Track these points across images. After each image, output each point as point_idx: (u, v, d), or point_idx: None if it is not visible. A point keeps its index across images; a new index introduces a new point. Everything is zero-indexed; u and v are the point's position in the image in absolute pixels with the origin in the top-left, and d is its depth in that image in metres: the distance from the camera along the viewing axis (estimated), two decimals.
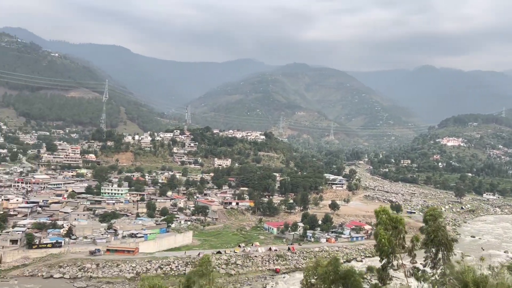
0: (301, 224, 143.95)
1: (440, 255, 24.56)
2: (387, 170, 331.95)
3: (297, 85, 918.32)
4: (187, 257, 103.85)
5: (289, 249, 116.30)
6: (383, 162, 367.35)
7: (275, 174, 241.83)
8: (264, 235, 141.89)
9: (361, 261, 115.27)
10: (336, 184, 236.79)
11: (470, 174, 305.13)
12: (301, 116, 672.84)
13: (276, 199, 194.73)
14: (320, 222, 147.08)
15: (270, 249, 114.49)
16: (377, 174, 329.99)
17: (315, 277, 24.89)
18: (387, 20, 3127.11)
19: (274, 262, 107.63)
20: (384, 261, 24.03)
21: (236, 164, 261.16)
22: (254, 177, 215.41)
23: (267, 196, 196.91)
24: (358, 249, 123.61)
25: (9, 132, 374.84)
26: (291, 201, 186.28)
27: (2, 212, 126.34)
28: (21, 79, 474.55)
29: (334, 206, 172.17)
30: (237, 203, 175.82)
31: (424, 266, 25.94)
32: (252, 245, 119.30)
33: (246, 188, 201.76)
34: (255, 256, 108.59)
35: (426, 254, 26.62)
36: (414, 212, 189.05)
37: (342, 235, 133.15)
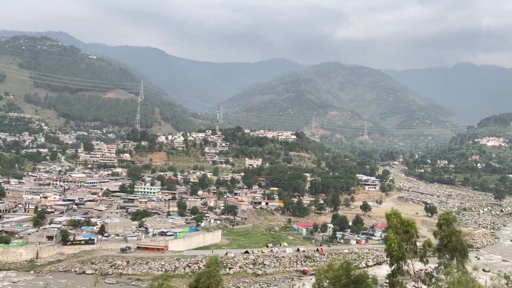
0: (331, 225, 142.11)
1: (454, 262, 23.53)
2: (422, 170, 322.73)
3: (330, 84, 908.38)
4: (215, 256, 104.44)
5: (317, 250, 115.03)
6: (419, 162, 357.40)
7: (305, 174, 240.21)
8: (293, 235, 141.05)
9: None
10: (369, 185, 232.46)
11: (511, 176, 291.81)
12: (334, 115, 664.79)
13: (306, 199, 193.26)
14: (350, 223, 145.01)
15: (298, 250, 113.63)
16: (412, 174, 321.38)
17: (327, 281, 24.37)
18: (424, 17, 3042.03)
19: (302, 263, 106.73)
20: (394, 266, 23.19)
21: (267, 164, 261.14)
22: (284, 177, 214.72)
23: (297, 197, 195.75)
24: None
25: (50, 132, 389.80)
26: (322, 201, 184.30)
27: (40, 209, 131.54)
28: (62, 81, 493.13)
29: (365, 207, 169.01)
30: (266, 203, 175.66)
31: (437, 272, 24.87)
32: (280, 245, 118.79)
33: (276, 188, 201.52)
34: (283, 257, 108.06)
35: (439, 260, 25.56)
36: None
37: (373, 237, 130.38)
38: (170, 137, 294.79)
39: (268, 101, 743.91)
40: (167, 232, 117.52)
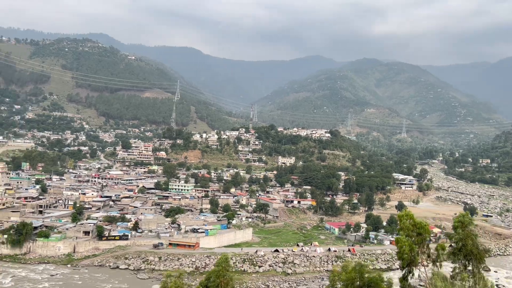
0: (364, 225, 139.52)
1: (470, 267, 22.33)
2: (463, 170, 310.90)
3: (367, 81, 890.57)
4: (245, 254, 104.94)
5: (349, 250, 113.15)
6: (459, 161, 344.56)
7: (340, 173, 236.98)
8: (325, 235, 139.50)
9: (427, 265, 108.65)
10: (405, 184, 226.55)
11: None
12: (370, 113, 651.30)
13: (340, 198, 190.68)
14: (385, 223, 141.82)
15: (329, 249, 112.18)
16: (452, 174, 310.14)
17: (341, 283, 23.74)
18: (467, 10, 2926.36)
19: (332, 263, 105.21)
20: (405, 270, 22.27)
21: (300, 163, 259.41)
22: (318, 175, 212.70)
23: (330, 196, 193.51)
24: None
25: (91, 130, 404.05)
26: (355, 201, 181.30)
27: (78, 205, 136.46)
28: (102, 81, 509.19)
29: (400, 207, 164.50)
30: (298, 202, 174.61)
31: (452, 277, 23.69)
32: (311, 244, 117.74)
33: (309, 187, 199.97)
34: (313, 256, 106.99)
35: (454, 265, 24.40)
36: (491, 216, 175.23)
37: None
38: (204, 135, 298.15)
39: (302, 99, 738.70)
40: (198, 229, 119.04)
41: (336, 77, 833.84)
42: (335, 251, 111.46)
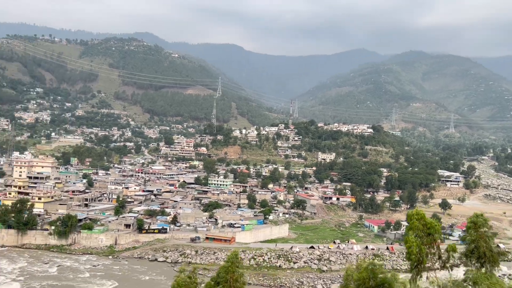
0: (404, 223, 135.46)
1: (483, 270, 21.12)
2: None
3: (413, 75, 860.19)
4: (280, 250, 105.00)
5: (387, 248, 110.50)
6: None
7: (381, 169, 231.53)
8: (364, 232, 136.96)
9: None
10: (451, 181, 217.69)
11: None
12: (416, 107, 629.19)
13: (381, 196, 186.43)
14: None
15: (366, 247, 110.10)
16: (503, 171, 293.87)
17: (353, 282, 23.24)
18: None
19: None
20: (413, 271, 21.45)
21: (341, 159, 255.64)
22: (358, 172, 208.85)
23: (370, 193, 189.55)
24: None
25: (136, 127, 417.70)
26: (397, 198, 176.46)
27: (121, 199, 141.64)
28: (146, 79, 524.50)
29: (444, 205, 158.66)
30: (337, 198, 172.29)
31: (464, 281, 22.54)
32: (348, 242, 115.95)
33: (348, 184, 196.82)
34: (350, 254, 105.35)
35: (466, 268, 23.25)
36: None
37: (450, 237, 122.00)
38: (244, 131, 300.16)
39: (345, 93, 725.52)
40: (235, 224, 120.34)
41: (380, 71, 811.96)
42: (372, 249, 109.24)
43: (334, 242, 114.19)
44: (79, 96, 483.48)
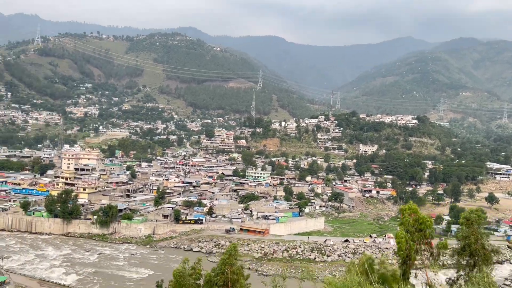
0: (446, 217, 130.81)
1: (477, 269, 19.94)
2: None
3: (463, 63, 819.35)
4: (313, 243, 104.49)
5: (427, 243, 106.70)
6: None
7: (426, 161, 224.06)
8: None
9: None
10: (501, 174, 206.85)
11: None
12: (466, 97, 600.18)
13: (424, 189, 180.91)
14: None
15: None
16: None
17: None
18: None
19: None
20: (401, 268, 20.65)
21: (383, 151, 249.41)
22: (400, 164, 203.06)
23: (413, 186, 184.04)
24: None
25: (179, 120, 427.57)
26: (441, 191, 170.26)
27: (161, 190, 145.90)
28: (189, 73, 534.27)
29: (491, 199, 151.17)
30: (377, 192, 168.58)
31: (456, 279, 21.42)
32: (385, 236, 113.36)
33: (390, 176, 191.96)
34: (386, 248, 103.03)
35: (458, 266, 22.06)
36: None
37: (496, 233, 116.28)
38: (283, 123, 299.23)
39: (390, 83, 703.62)
40: (269, 216, 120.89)
41: (427, 59, 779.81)
42: None
43: (370, 236, 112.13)
44: (126, 90, 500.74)
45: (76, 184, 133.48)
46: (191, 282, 22.63)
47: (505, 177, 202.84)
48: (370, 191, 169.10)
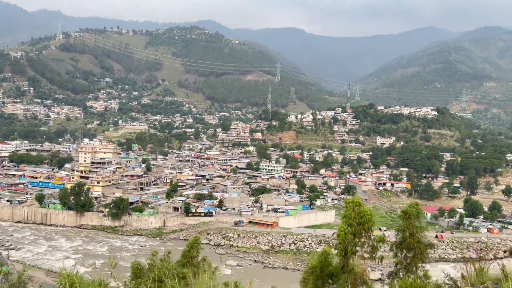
0: (460, 210, 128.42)
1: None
2: None
3: (487, 52, 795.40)
4: (322, 236, 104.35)
5: (436, 236, 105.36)
6: None
7: (444, 154, 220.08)
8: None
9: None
10: None
11: None
12: (490, 87, 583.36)
13: (441, 181, 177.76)
14: (486, 209, 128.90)
15: None
16: None
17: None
18: None
19: None
20: (341, 261, 20.74)
21: (401, 143, 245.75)
22: (417, 157, 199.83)
23: (429, 178, 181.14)
24: None
25: (197, 114, 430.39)
26: (457, 184, 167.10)
27: (173, 183, 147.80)
28: (208, 67, 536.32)
29: (508, 192, 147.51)
30: (392, 184, 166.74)
31: (395, 273, 21.32)
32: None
33: (406, 169, 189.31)
34: (395, 241, 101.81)
35: (395, 260, 21.98)
36: None
37: (510, 226, 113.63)
38: (299, 116, 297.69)
39: (411, 74, 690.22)
40: (279, 208, 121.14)
41: (450, 49, 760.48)
42: None
43: (380, 229, 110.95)
44: (145, 85, 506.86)
45: (91, 177, 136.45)
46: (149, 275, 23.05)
47: None
48: (384, 184, 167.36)
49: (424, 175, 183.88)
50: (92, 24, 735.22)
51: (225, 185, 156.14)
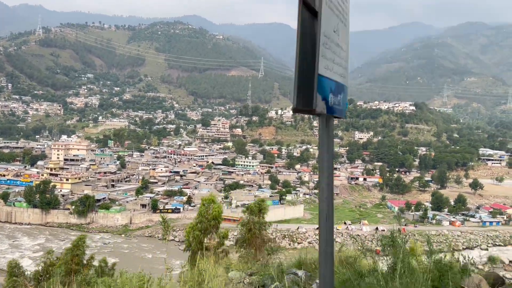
0: (427, 204, 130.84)
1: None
2: None
3: (470, 47, 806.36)
4: (286, 230, 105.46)
5: (399, 230, 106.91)
6: None
7: (420, 148, 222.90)
8: (384, 213, 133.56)
9: (487, 249, 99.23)
10: (493, 160, 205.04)
11: None
12: (471, 82, 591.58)
13: (413, 175, 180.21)
14: (452, 203, 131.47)
15: (376, 228, 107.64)
16: None
17: None
18: None
19: (377, 243, 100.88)
20: (189, 257, 21.47)
21: (379, 138, 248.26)
22: (391, 151, 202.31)
23: (402, 172, 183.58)
24: (487, 235, 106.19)
25: (180, 109, 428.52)
26: (428, 178, 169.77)
27: (145, 180, 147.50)
28: (191, 62, 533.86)
29: (475, 185, 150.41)
30: (364, 179, 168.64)
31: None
32: (360, 223, 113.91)
33: (380, 163, 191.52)
34: (358, 235, 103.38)
35: (239, 255, 22.78)
36: None
37: (472, 219, 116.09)
38: (280, 111, 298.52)
39: (394, 69, 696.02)
40: (247, 204, 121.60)
41: (434, 45, 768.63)
42: (383, 230, 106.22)
43: (345, 223, 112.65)
44: (127, 80, 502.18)
45: (60, 174, 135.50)
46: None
47: (497, 163, 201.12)
48: (357, 178, 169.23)
49: (397, 169, 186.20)
50: (75, 19, 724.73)
51: (198, 182, 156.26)
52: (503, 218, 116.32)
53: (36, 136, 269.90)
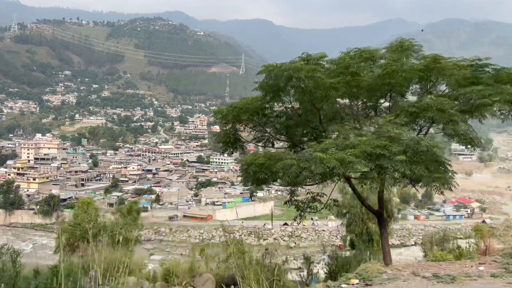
0: (396, 199, 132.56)
1: None
2: None
3: (448, 44, 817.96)
4: (252, 227, 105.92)
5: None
6: None
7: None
8: None
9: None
10: (464, 155, 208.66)
11: None
12: None
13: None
14: (420, 197, 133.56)
15: (342, 223, 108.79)
16: None
17: None
18: None
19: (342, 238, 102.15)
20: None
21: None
22: None
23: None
24: (449, 229, 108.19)
25: (159, 106, 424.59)
26: None
27: (115, 178, 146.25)
28: (171, 59, 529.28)
29: None
30: None
31: None
32: (327, 218, 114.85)
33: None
34: (323, 230, 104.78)
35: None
36: None
37: (436, 213, 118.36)
38: None
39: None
40: (216, 201, 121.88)
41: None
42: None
43: (312, 219, 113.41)
44: (106, 77, 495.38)
45: (27, 174, 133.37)
46: None
47: (468, 158, 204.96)
48: None
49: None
50: (54, 14, 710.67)
51: (170, 180, 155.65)
52: (467, 211, 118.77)
53: (10, 135, 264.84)
